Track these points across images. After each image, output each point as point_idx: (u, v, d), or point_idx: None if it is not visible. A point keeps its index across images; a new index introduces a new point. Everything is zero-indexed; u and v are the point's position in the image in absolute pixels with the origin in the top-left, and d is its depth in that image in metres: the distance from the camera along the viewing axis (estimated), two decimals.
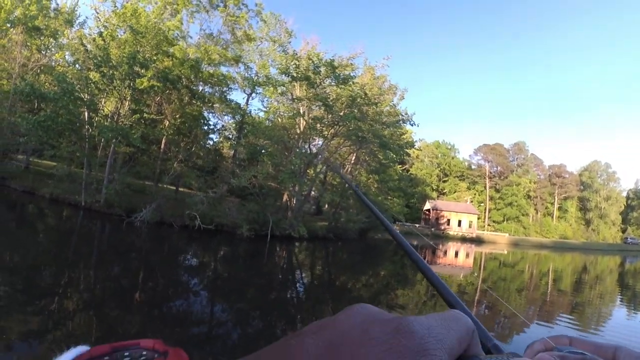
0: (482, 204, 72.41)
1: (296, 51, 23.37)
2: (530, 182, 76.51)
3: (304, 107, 23.03)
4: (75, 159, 20.95)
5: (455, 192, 72.96)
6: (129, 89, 18.34)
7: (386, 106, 29.04)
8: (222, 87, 23.38)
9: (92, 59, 18.04)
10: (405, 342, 0.28)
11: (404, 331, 0.29)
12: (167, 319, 6.22)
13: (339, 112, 21.56)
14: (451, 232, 53.45)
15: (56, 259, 9.26)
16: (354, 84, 22.15)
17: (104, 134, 17.27)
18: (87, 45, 19.53)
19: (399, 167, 48.59)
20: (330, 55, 23.11)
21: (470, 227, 56.09)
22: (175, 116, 22.03)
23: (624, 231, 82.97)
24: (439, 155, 76.09)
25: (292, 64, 21.25)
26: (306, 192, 22.98)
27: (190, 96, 21.93)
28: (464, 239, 50.37)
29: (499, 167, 77.12)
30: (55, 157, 22.33)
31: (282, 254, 16.81)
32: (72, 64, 22.77)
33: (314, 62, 20.55)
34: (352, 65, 23.97)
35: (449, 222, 55.86)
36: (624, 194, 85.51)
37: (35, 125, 15.88)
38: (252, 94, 25.84)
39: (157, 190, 20.67)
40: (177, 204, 20.63)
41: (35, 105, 22.15)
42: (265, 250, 16.29)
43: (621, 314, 11.65)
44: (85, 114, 18.45)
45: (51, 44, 25.72)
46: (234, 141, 24.75)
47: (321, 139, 23.34)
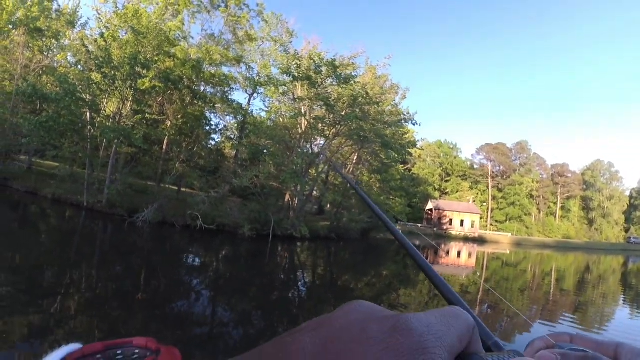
0: (484, 204, 72.28)
1: (297, 51, 23.35)
2: (532, 182, 76.29)
3: (305, 106, 23.02)
4: (77, 159, 21.02)
5: (457, 191, 72.84)
6: (131, 90, 18.38)
7: (388, 106, 29.00)
8: (223, 88, 23.41)
9: (94, 60, 18.09)
10: (403, 340, 0.27)
11: (402, 329, 0.28)
12: (169, 319, 6.21)
13: (341, 112, 21.53)
14: (453, 232, 53.38)
15: (58, 259, 9.27)
16: (356, 84, 22.13)
17: (106, 135, 17.30)
18: (89, 46, 19.60)
19: (401, 167, 48.47)
20: (331, 54, 23.13)
21: (472, 226, 55.99)
22: (177, 116, 22.07)
23: (627, 231, 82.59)
24: (442, 154, 75.96)
25: (294, 63, 21.24)
26: (308, 192, 22.98)
27: (192, 96, 21.96)
28: (466, 239, 50.27)
29: (501, 167, 76.96)
30: (57, 157, 22.43)
31: (284, 254, 16.79)
32: (74, 65, 22.85)
33: (315, 62, 20.54)
34: (353, 64, 23.97)
35: (451, 222, 55.79)
36: (627, 193, 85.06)
37: (37, 126, 15.92)
38: (254, 94, 25.86)
39: (159, 190, 20.71)
40: (179, 204, 20.65)
41: (37, 106, 22.21)
42: (267, 250, 16.28)
43: (624, 313, 11.58)
44: (87, 114, 18.51)
45: (53, 45, 25.76)
46: (236, 141, 24.76)
47: (323, 138, 23.33)
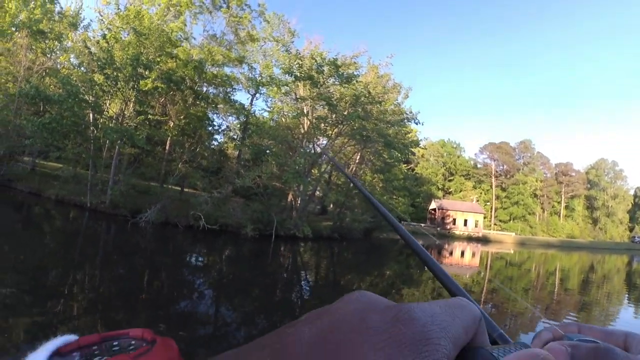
0: (488, 203, 72.07)
1: (299, 51, 23.34)
2: (536, 181, 76.03)
3: (307, 106, 22.99)
4: (80, 160, 21.06)
5: (461, 191, 72.67)
6: (133, 91, 18.42)
7: (390, 105, 28.93)
8: (226, 88, 23.44)
9: (96, 61, 18.14)
10: (405, 330, 0.26)
11: (405, 319, 0.27)
12: (172, 318, 6.20)
13: (343, 112, 21.50)
14: (457, 232, 53.22)
15: (62, 260, 9.28)
16: (358, 83, 22.08)
17: (108, 136, 17.35)
18: (91, 47, 19.66)
19: (404, 167, 48.35)
20: (333, 54, 23.06)
21: (476, 226, 55.83)
22: (179, 117, 22.11)
23: (631, 230, 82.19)
24: (445, 154, 75.79)
25: (296, 63, 21.22)
26: (311, 191, 22.95)
27: (194, 97, 22.01)
28: (470, 239, 50.12)
29: (505, 166, 76.71)
30: (60, 158, 22.49)
31: (287, 254, 16.76)
32: (76, 67, 22.91)
33: (317, 62, 20.51)
34: (355, 64, 23.89)
35: (454, 221, 55.64)
36: (632, 192, 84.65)
37: (40, 127, 15.97)
38: (256, 94, 25.88)
39: (162, 191, 20.72)
40: (182, 204, 20.67)
41: (41, 107, 22.29)
42: (269, 250, 16.27)
43: (629, 313, 11.49)
44: (90, 115, 18.57)
45: (56, 47, 25.86)
46: (239, 142, 24.78)
47: (325, 138, 23.30)
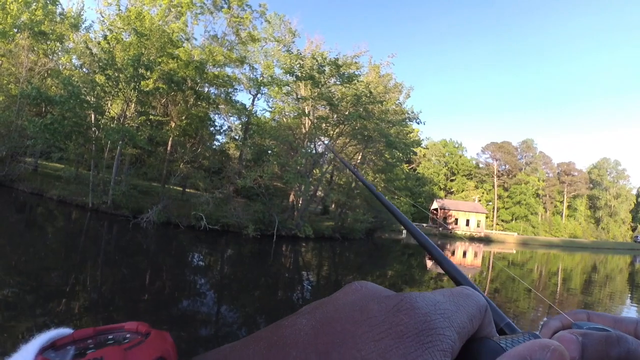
0: (490, 203, 71.92)
1: (300, 51, 23.33)
2: (538, 181, 75.84)
3: (309, 106, 22.98)
4: (82, 161, 21.10)
5: (463, 191, 72.57)
6: (135, 91, 18.42)
7: (392, 105, 28.92)
8: (227, 88, 23.43)
9: (98, 62, 18.17)
10: (407, 320, 0.25)
11: (406, 308, 0.26)
12: (173, 318, 6.20)
13: (344, 112, 21.48)
14: (459, 232, 53.08)
15: (64, 260, 9.30)
16: (359, 83, 22.05)
17: (110, 136, 17.37)
18: (93, 48, 19.69)
19: (406, 167, 48.42)
20: (334, 54, 23.07)
21: (478, 226, 55.70)
22: (181, 117, 22.13)
23: (634, 229, 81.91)
24: (447, 153, 75.70)
25: (297, 63, 21.21)
26: (312, 192, 22.92)
27: (195, 98, 22.01)
28: (472, 239, 49.92)
29: (507, 166, 76.56)
30: (62, 159, 22.55)
31: (289, 254, 16.75)
32: (78, 68, 22.96)
33: (318, 62, 20.49)
34: (356, 63, 23.87)
35: (456, 221, 55.50)
36: (634, 191, 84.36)
37: (41, 128, 15.98)
38: (258, 95, 25.88)
39: (164, 191, 20.75)
40: (183, 204, 20.72)
41: (43, 108, 22.34)
42: (271, 250, 16.25)
43: (631, 314, 11.44)
44: (91, 116, 18.59)
45: (57, 48, 25.92)
46: (240, 142, 24.79)
47: (327, 138, 23.27)
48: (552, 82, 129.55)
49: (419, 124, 25.62)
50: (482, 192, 72.92)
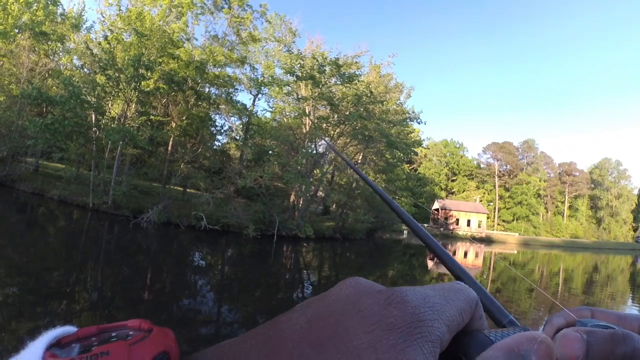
0: (491, 203, 71.85)
1: (301, 51, 23.32)
2: (540, 181, 75.70)
3: (309, 106, 22.96)
4: (83, 161, 21.09)
5: (464, 191, 72.52)
6: (135, 91, 18.42)
7: (392, 104, 28.89)
8: (228, 89, 23.41)
9: (98, 62, 18.18)
10: (397, 312, 0.26)
11: (397, 302, 0.27)
12: (174, 318, 6.19)
13: (345, 112, 21.45)
14: (460, 232, 52.96)
15: (65, 259, 9.29)
16: (360, 83, 22.02)
17: (110, 136, 17.37)
18: (94, 49, 19.69)
19: (407, 167, 48.37)
20: (335, 54, 23.04)
21: (479, 226, 55.59)
22: (181, 118, 22.12)
23: (635, 230, 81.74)
24: (448, 154, 75.64)
25: (297, 63, 21.19)
26: (313, 192, 22.90)
27: (196, 98, 22.00)
28: (473, 239, 49.84)
29: (508, 166, 76.48)
30: (63, 159, 22.55)
31: (289, 254, 16.73)
32: (79, 68, 22.96)
33: (318, 62, 20.47)
34: (357, 63, 23.82)
35: (458, 221, 55.39)
36: (636, 191, 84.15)
37: (42, 128, 15.98)
38: (258, 95, 25.86)
39: (165, 191, 20.74)
40: (184, 204, 20.71)
41: (44, 109, 22.35)
42: (271, 250, 16.24)
43: (632, 312, 11.39)
44: (92, 116, 18.59)
45: (58, 48, 25.93)
46: (241, 142, 24.78)
47: (327, 138, 23.25)
48: (553, 82, 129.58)
49: (419, 124, 25.62)
50: (483, 193, 72.87)
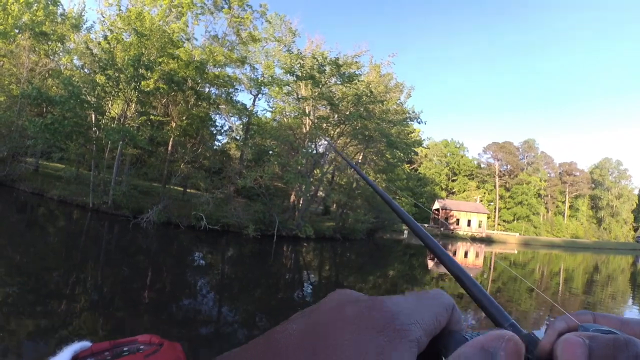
0: (491, 203, 71.80)
1: (301, 50, 23.28)
2: (540, 181, 75.63)
3: (309, 106, 22.94)
4: (83, 161, 21.08)
5: (464, 191, 72.49)
6: (135, 91, 18.41)
7: (393, 104, 28.85)
8: (228, 89, 23.40)
9: (98, 62, 18.17)
10: (378, 317, 0.31)
11: (377, 308, 0.32)
12: (174, 318, 6.18)
13: (345, 111, 21.43)
14: (461, 232, 52.92)
15: (65, 260, 9.28)
16: (360, 82, 21.99)
17: (110, 136, 17.35)
18: (93, 49, 19.69)
19: (407, 167, 48.35)
20: (334, 54, 23.00)
21: (479, 226, 55.54)
22: (181, 118, 22.11)
23: (636, 229, 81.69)
24: (448, 154, 75.60)
25: (297, 63, 21.17)
26: (313, 192, 22.88)
27: (196, 98, 21.99)
28: (473, 239, 49.83)
29: (508, 166, 76.42)
30: (63, 159, 22.54)
31: (289, 254, 16.72)
32: (79, 68, 22.96)
33: (318, 61, 20.44)
34: (357, 63, 23.76)
35: (458, 221, 55.34)
36: (636, 191, 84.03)
37: (42, 128, 15.96)
38: (258, 95, 25.84)
39: (165, 191, 20.73)
40: (184, 204, 20.70)
41: (44, 109, 22.35)
42: (271, 250, 16.22)
43: (633, 314, 11.37)
44: (92, 116, 18.58)
45: (59, 48, 25.92)
46: (241, 142, 24.76)
47: (328, 138, 23.22)
48: (553, 82, 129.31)
49: (420, 123, 25.58)
50: (484, 193, 72.82)
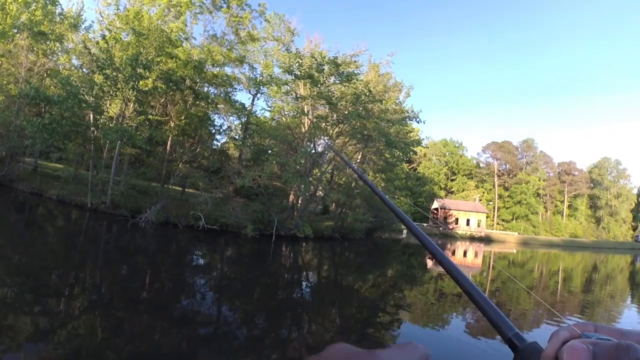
0: (490, 203, 71.81)
1: (299, 50, 23.26)
2: (539, 180, 75.74)
3: (308, 105, 22.92)
4: (81, 161, 21.05)
5: (463, 190, 72.52)
6: (133, 91, 18.37)
7: (391, 104, 28.82)
8: (226, 88, 23.37)
9: (96, 62, 18.13)
10: None
11: None
12: (173, 318, 6.17)
13: (344, 111, 21.41)
14: (460, 231, 53.01)
15: (63, 259, 9.26)
16: (358, 82, 21.96)
17: (108, 136, 17.30)
18: (92, 48, 19.65)
19: (406, 166, 48.34)
20: (333, 53, 23.01)
21: (478, 226, 55.63)
22: (180, 117, 22.06)
23: (634, 229, 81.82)
24: (447, 153, 75.63)
25: (296, 62, 21.14)
26: (312, 191, 22.86)
27: (194, 97, 21.94)
28: (472, 238, 49.92)
29: (507, 165, 76.48)
30: (61, 159, 22.50)
31: (288, 254, 16.71)
32: (77, 68, 22.93)
33: (317, 61, 20.41)
34: (355, 62, 23.74)
35: (457, 221, 55.44)
36: (635, 191, 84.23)
37: (40, 128, 15.93)
38: (257, 94, 25.82)
39: (163, 191, 20.70)
40: (182, 204, 20.67)
41: (42, 109, 22.32)
42: (270, 250, 16.21)
43: (632, 313, 11.39)
44: (90, 116, 18.55)
45: (57, 48, 25.89)
46: (240, 142, 24.74)
47: (326, 137, 23.20)
48: (553, 82, 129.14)
49: (419, 123, 25.55)
50: (483, 192, 72.87)
